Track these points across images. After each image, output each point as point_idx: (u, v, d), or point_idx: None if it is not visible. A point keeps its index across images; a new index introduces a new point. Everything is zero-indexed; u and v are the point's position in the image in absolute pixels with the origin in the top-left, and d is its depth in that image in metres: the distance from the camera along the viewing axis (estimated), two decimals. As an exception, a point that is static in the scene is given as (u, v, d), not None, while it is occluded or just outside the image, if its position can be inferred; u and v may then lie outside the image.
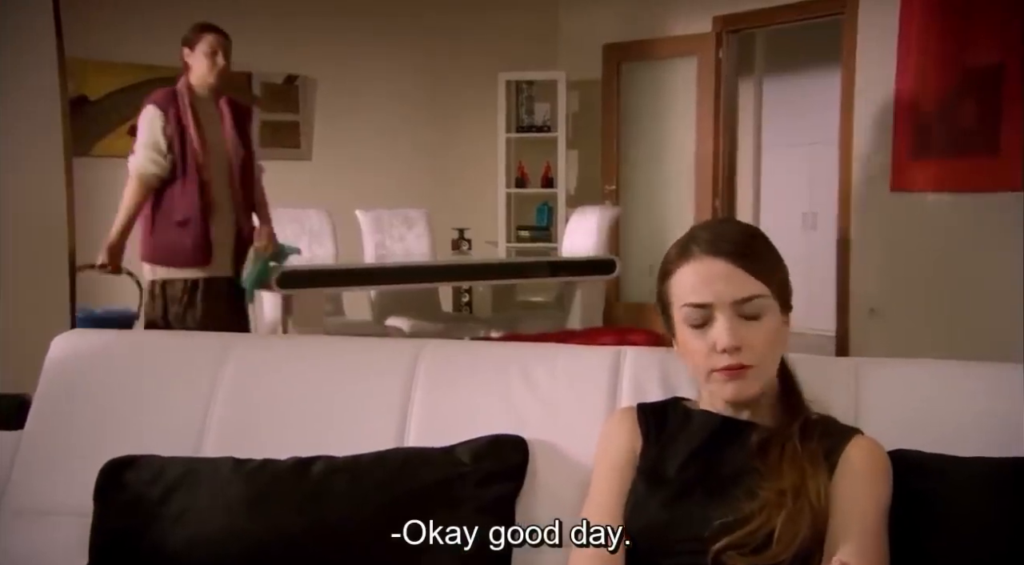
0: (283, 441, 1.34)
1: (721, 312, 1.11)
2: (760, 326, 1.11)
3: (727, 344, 1.10)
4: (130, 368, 1.47)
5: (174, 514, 1.22)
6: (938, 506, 1.10)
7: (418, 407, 1.35)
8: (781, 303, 1.14)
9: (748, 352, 1.10)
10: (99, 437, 1.39)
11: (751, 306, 1.11)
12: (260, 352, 1.48)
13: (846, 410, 1.21)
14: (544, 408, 1.31)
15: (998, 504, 1.09)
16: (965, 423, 1.20)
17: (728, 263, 1.11)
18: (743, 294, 1.10)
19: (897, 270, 5.17)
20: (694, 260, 1.13)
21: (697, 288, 1.12)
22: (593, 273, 4.36)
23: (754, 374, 1.11)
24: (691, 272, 1.13)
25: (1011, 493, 1.09)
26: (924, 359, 1.35)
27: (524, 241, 6.34)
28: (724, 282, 1.11)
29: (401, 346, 1.44)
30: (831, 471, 1.09)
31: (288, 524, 1.19)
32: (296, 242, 4.65)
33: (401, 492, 1.21)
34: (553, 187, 6.32)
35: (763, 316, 1.11)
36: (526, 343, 1.47)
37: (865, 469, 1.10)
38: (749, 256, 1.11)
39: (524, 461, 1.27)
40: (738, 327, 1.10)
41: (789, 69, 6.92)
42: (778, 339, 1.13)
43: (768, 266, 1.13)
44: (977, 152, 4.72)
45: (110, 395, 1.44)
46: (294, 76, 5.89)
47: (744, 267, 1.11)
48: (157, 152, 3.26)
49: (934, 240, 5.01)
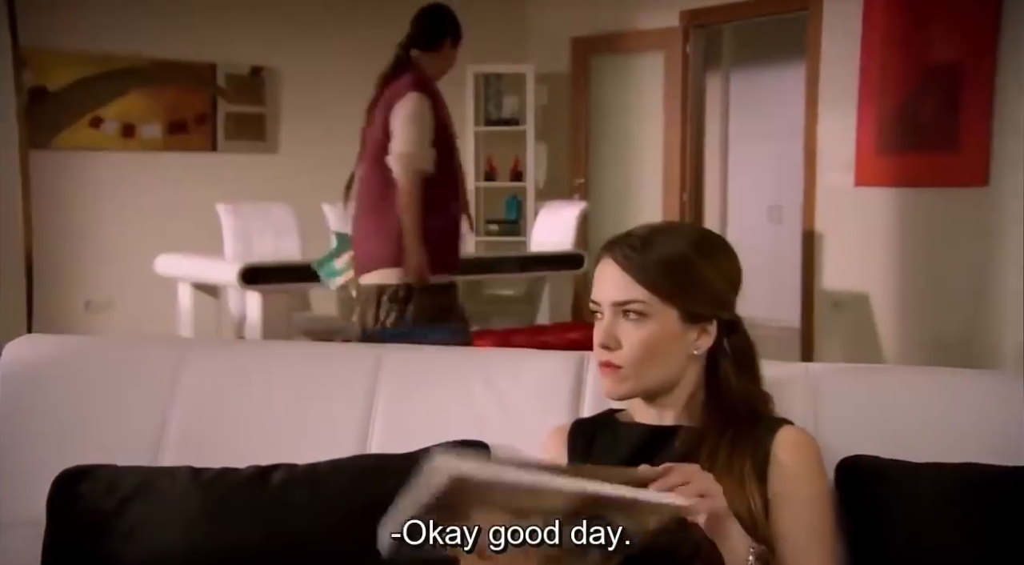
0: (243, 449, 1.32)
1: (606, 310, 1.17)
2: (637, 331, 1.15)
3: (599, 340, 1.17)
4: (85, 375, 1.44)
5: (129, 526, 1.20)
6: (892, 511, 1.12)
7: (381, 413, 1.34)
8: (684, 313, 1.15)
9: (619, 354, 1.16)
10: (53, 446, 1.36)
11: (631, 310, 1.15)
12: (220, 358, 1.46)
13: (805, 416, 1.22)
14: (506, 414, 1.31)
15: (951, 509, 1.10)
16: (922, 429, 1.21)
17: (616, 266, 1.16)
18: (622, 298, 1.15)
19: (861, 264, 5.23)
20: (602, 257, 1.20)
21: (595, 286, 1.19)
22: (562, 268, 4.36)
23: (623, 375, 1.16)
24: (597, 270, 1.20)
25: (964, 498, 1.11)
26: (882, 365, 1.37)
27: (493, 234, 6.32)
28: (609, 283, 1.17)
29: (363, 352, 1.43)
30: (762, 477, 1.10)
31: (247, 535, 1.17)
32: (261, 236, 4.61)
33: (362, 501, 1.20)
34: (522, 180, 6.31)
35: (644, 322, 1.14)
36: (488, 348, 1.46)
37: (794, 464, 1.11)
38: (637, 265, 1.15)
39: (486, 468, 1.26)
40: (616, 327, 1.16)
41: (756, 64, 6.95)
42: (660, 347, 1.15)
43: (667, 279, 1.14)
44: (938, 148, 4.79)
45: (65, 403, 1.41)
46: (260, 68, 5.81)
47: (629, 272, 1.15)
48: (431, 147, 2.90)
49: (898, 235, 5.08)
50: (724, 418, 1.16)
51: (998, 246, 4.67)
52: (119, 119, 5.31)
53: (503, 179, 6.38)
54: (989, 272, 4.71)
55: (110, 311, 5.32)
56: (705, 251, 1.19)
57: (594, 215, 6.27)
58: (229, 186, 5.53)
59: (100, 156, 5.28)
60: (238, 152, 5.76)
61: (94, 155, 5.26)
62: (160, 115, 5.45)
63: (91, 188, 5.27)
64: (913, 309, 5.05)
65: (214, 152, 5.67)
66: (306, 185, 5.68)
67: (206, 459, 1.29)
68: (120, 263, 5.28)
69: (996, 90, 4.56)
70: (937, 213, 4.91)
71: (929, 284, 4.96)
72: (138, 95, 5.34)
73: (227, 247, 4.52)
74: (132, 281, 5.20)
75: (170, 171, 5.50)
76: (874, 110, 5.00)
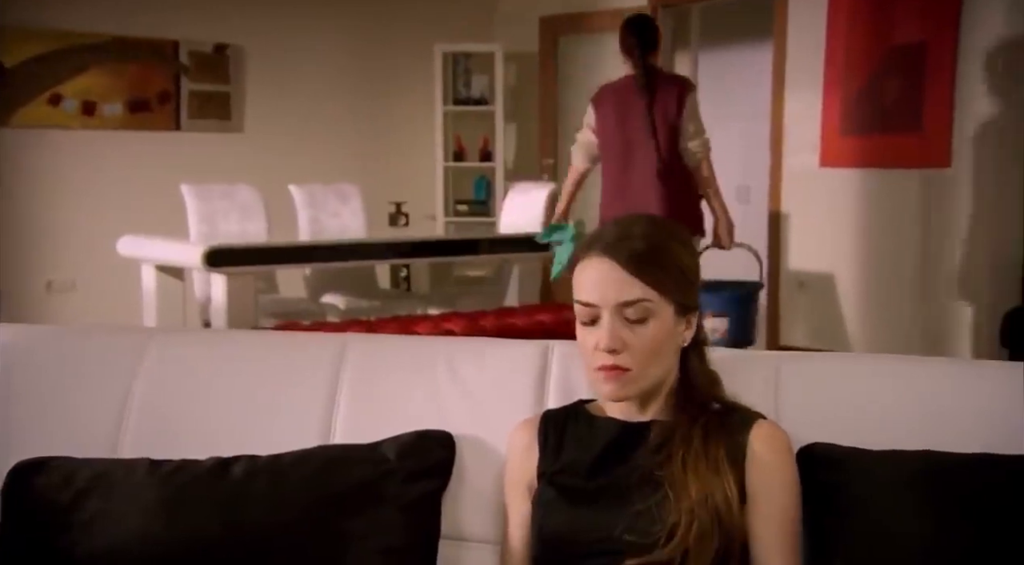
0: (204, 440, 1.31)
1: (606, 313, 1.13)
2: (644, 331, 1.12)
3: (606, 345, 1.12)
4: (42, 364, 1.41)
5: (86, 520, 1.17)
6: (849, 498, 1.12)
7: (344, 403, 1.33)
8: (677, 306, 1.15)
9: (627, 355, 1.12)
10: (7, 437, 1.33)
11: (635, 310, 1.12)
12: (179, 347, 1.44)
13: (766, 405, 1.22)
14: (471, 403, 1.30)
15: (907, 496, 1.11)
16: (882, 416, 1.22)
17: (618, 266, 1.13)
18: (627, 298, 1.12)
19: (826, 245, 5.28)
20: (591, 258, 1.15)
21: (587, 287, 1.14)
22: (530, 250, 4.35)
23: (631, 377, 1.13)
24: (587, 269, 1.15)
25: (920, 485, 1.12)
26: (844, 353, 1.38)
27: (462, 215, 6.30)
28: (611, 285, 1.12)
29: (326, 341, 1.41)
30: (739, 468, 1.11)
31: (207, 529, 1.15)
32: (226, 218, 4.55)
33: (324, 492, 1.19)
34: (491, 161, 6.28)
35: (649, 320, 1.13)
36: (453, 337, 1.45)
37: (773, 460, 1.12)
38: (641, 262, 1.12)
39: (450, 457, 1.26)
40: (620, 329, 1.12)
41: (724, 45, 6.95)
42: (664, 344, 1.14)
43: (663, 273, 1.13)
44: (902, 130, 4.84)
45: (20, 393, 1.38)
46: (224, 45, 5.71)
47: (634, 272, 1.12)
48: None
49: (862, 216, 5.13)
50: (697, 408, 1.16)
51: (961, 226, 4.74)
52: (79, 97, 5.20)
53: (472, 159, 6.35)
54: (953, 252, 4.78)
55: (72, 292, 5.23)
56: (682, 240, 1.19)
57: (563, 195, 6.26)
58: (193, 166, 5.45)
59: (60, 134, 5.17)
60: (202, 131, 5.67)
61: (54, 133, 5.15)
62: (121, 93, 5.34)
63: (51, 167, 5.17)
64: (877, 289, 5.11)
65: (178, 131, 5.58)
66: (273, 166, 5.61)
67: (165, 451, 1.27)
68: (82, 244, 5.19)
69: (958, 72, 4.61)
70: (900, 194, 4.96)
71: (893, 264, 5.03)
72: (98, 72, 5.23)
73: (192, 229, 4.45)
74: (94, 262, 5.12)
75: (132, 151, 5.41)
76: (839, 92, 5.03)
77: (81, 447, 1.30)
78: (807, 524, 1.13)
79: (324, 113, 6.12)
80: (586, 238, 1.18)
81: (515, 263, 4.36)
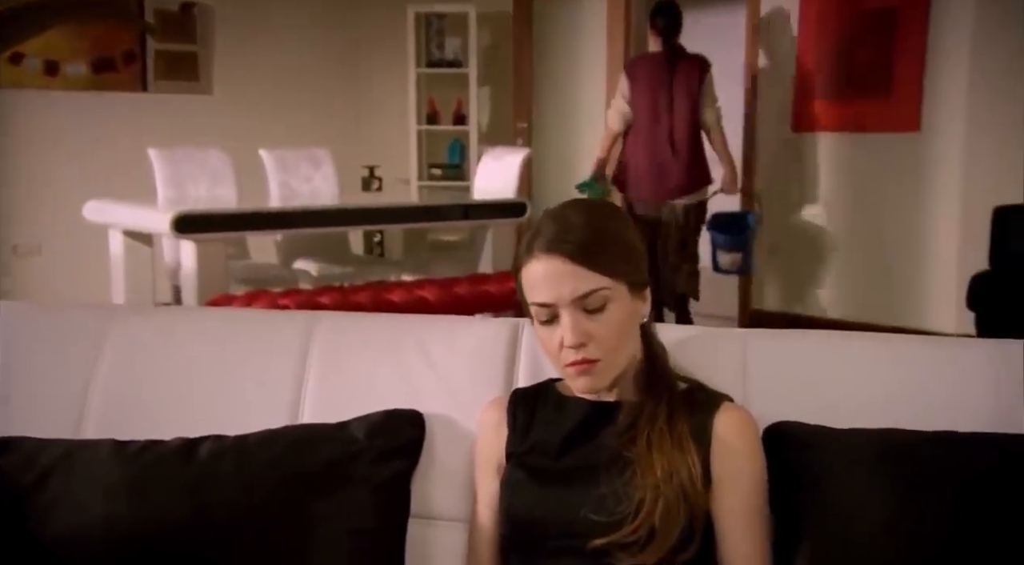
0: (170, 420, 1.29)
1: (564, 309, 1.11)
2: (605, 318, 1.11)
3: (571, 341, 1.11)
4: (3, 341, 1.38)
5: (49, 501, 1.15)
6: (814, 477, 1.13)
7: (313, 382, 1.31)
8: (631, 285, 1.14)
9: (594, 346, 1.11)
10: (-33, 418, 1.30)
11: (593, 300, 1.11)
12: (144, 325, 1.41)
13: (733, 383, 1.22)
14: (441, 382, 1.29)
15: (869, 474, 1.12)
16: (850, 394, 1.22)
17: (567, 261, 1.10)
18: (582, 290, 1.10)
19: (799, 208, 5.31)
20: (536, 258, 1.12)
21: (540, 287, 1.12)
22: (504, 216, 4.33)
23: (603, 367, 1.12)
24: (534, 270, 1.13)
25: (884, 463, 1.12)
26: (812, 331, 1.37)
27: (436, 179, 6.24)
28: (564, 281, 1.10)
29: (295, 319, 1.39)
30: (704, 449, 1.11)
31: (172, 510, 1.14)
32: (195, 183, 4.48)
33: (292, 472, 1.18)
34: (465, 124, 6.21)
35: (608, 306, 1.11)
36: (422, 316, 1.43)
37: (740, 445, 1.12)
38: (589, 252, 1.11)
39: (420, 436, 1.25)
40: (582, 322, 1.11)
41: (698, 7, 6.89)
42: (627, 326, 1.14)
43: (612, 256, 1.12)
44: (872, 95, 4.86)
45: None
46: (191, 3, 5.58)
47: (583, 263, 1.10)
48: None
49: (834, 180, 5.15)
50: (663, 386, 1.16)
51: (931, 191, 4.78)
52: (41, 56, 5.07)
53: (445, 123, 6.28)
54: (923, 216, 4.82)
55: (38, 256, 5.15)
56: (617, 216, 1.19)
57: (538, 159, 6.23)
58: (161, 129, 5.35)
59: (22, 95, 5.05)
60: (170, 93, 5.56)
61: (15, 94, 5.03)
62: (85, 52, 5.21)
63: (13, 128, 5.05)
64: (848, 254, 5.15)
65: (144, 93, 5.47)
66: (242, 129, 5.52)
67: (130, 431, 1.25)
68: (47, 207, 5.10)
69: (929, 37, 4.61)
70: (871, 159, 4.98)
71: (864, 229, 5.07)
72: (61, 30, 5.08)
73: (160, 193, 4.38)
74: (60, 226, 5.03)
75: (98, 112, 5.29)
76: (812, 56, 5.03)
77: (44, 427, 1.28)
78: (774, 503, 1.14)
79: (295, 75, 6.02)
80: (525, 238, 1.15)
81: (489, 228, 4.34)
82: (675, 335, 1.27)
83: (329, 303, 3.40)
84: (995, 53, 4.56)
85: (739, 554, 1.10)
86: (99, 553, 1.12)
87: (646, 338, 1.19)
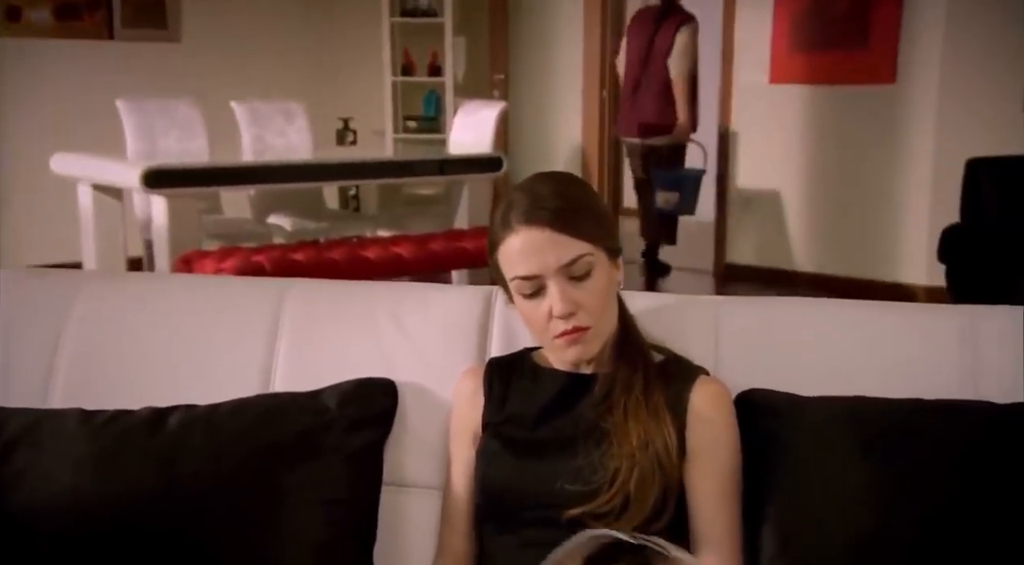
0: (139, 389, 1.27)
1: (551, 279, 1.10)
2: (591, 284, 1.11)
3: (561, 311, 1.09)
4: (-36, 308, 1.35)
5: (14, 473, 1.14)
6: (783, 445, 1.14)
7: (284, 351, 1.29)
8: (608, 251, 1.13)
9: (584, 314, 1.11)
10: (-69, 387, 1.28)
11: (579, 266, 1.10)
12: (112, 291, 1.38)
13: (705, 351, 1.22)
14: (414, 350, 1.28)
15: (837, 442, 1.13)
16: (820, 362, 1.23)
17: (547, 229, 1.09)
18: (568, 257, 1.09)
19: (773, 163, 5.31)
20: (515, 232, 1.11)
21: (523, 260, 1.10)
22: (480, 171, 4.29)
23: (593, 334, 1.12)
24: (514, 244, 1.11)
25: (850, 431, 1.13)
26: (784, 298, 1.37)
27: (412, 132, 6.17)
28: (547, 249, 1.09)
29: (266, 286, 1.37)
30: (679, 421, 1.11)
31: (141, 482, 1.13)
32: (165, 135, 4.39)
33: (263, 442, 1.17)
34: (440, 75, 6.12)
35: (592, 273, 1.11)
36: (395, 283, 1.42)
37: (716, 418, 1.13)
38: (568, 219, 1.10)
39: (393, 405, 1.24)
40: (570, 291, 1.10)
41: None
42: (609, 292, 1.14)
43: (590, 222, 1.11)
44: (849, 46, 4.85)
45: (-58, 339, 1.32)
46: (157, -51, 5.42)
47: (564, 230, 1.09)
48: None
49: (809, 133, 5.15)
50: (638, 356, 1.16)
51: (905, 143, 4.79)
52: (2, 2, 4.91)
53: (421, 74, 6.18)
54: (896, 169, 4.83)
55: (6, 207, 5.05)
56: (586, 186, 1.18)
57: (515, 111, 6.17)
58: (129, 79, 5.22)
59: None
60: (137, 41, 5.41)
61: (-23, 42, 4.88)
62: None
63: (-25, 78, 4.92)
64: (822, 207, 5.18)
65: (111, 40, 5.32)
66: (213, 79, 5.40)
67: (98, 400, 1.23)
68: (13, 159, 4.99)
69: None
70: (847, 111, 4.98)
71: (838, 182, 5.08)
72: (23, -25, 4.94)
73: (129, 146, 4.29)
74: (28, 178, 4.93)
75: (63, 61, 5.15)
76: (789, 8, 4.99)
77: (10, 395, 1.26)
78: (744, 470, 1.14)
79: (266, 22, 5.88)
80: (497, 214, 1.14)
81: (465, 183, 4.30)
82: (648, 303, 1.27)
83: (304, 260, 3.37)
84: (971, 5, 4.54)
85: (712, 525, 1.11)
86: (67, 524, 1.11)
87: (620, 308, 1.19)
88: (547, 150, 6.33)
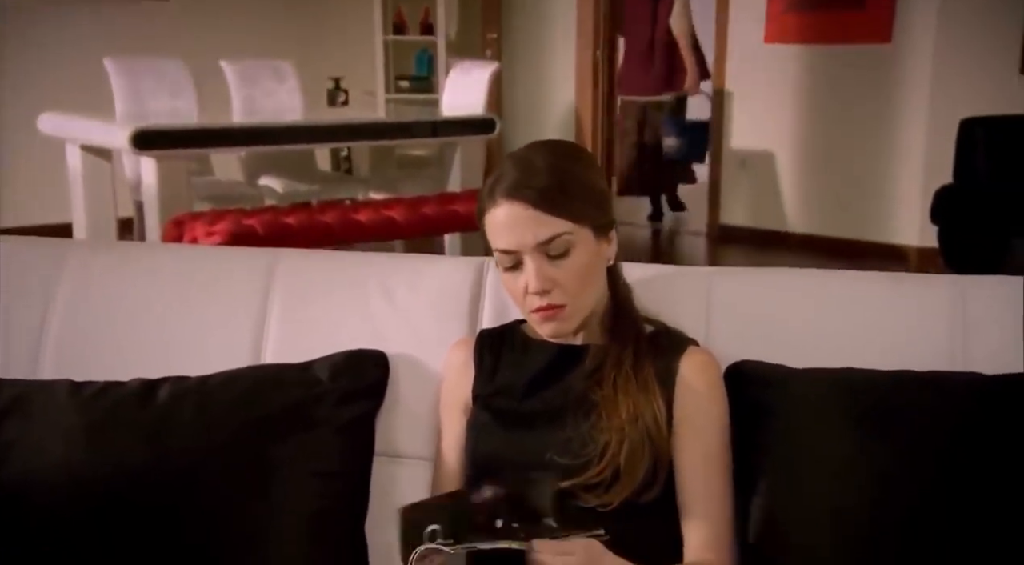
0: (129, 360, 1.27)
1: (527, 256, 1.10)
2: (569, 263, 1.10)
3: (536, 287, 1.10)
4: (-48, 278, 1.34)
5: (4, 443, 1.13)
6: (773, 416, 1.14)
7: (275, 322, 1.29)
8: (595, 229, 1.12)
9: (559, 292, 1.10)
10: (-81, 358, 1.28)
11: (556, 246, 1.09)
12: (101, 260, 1.37)
13: (697, 322, 1.22)
14: (405, 321, 1.27)
15: (827, 413, 1.13)
16: (811, 333, 1.22)
17: (528, 207, 1.08)
18: (544, 236, 1.09)
19: (768, 123, 5.27)
20: (499, 204, 1.10)
21: (502, 233, 1.10)
22: (473, 132, 4.26)
23: (568, 313, 1.12)
24: (497, 216, 1.11)
25: (840, 402, 1.13)
26: (776, 268, 1.37)
27: (404, 92, 6.10)
28: (526, 227, 1.09)
29: (257, 257, 1.36)
30: (668, 392, 1.12)
31: (132, 454, 1.13)
32: (154, 97, 4.33)
33: (255, 415, 1.17)
34: (432, 34, 6.04)
35: (571, 252, 1.10)
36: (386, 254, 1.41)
37: (704, 388, 1.13)
38: (553, 197, 1.09)
39: (384, 376, 1.24)
40: (546, 268, 1.10)
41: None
42: (591, 271, 1.13)
43: (575, 200, 1.10)
44: (844, 6, 4.80)
45: (-70, 309, 1.31)
46: (142, -98, 5.30)
47: (545, 209, 1.08)
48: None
49: (804, 93, 5.11)
50: (629, 329, 1.16)
51: (900, 104, 4.76)
52: (-13, -41, 4.82)
53: (413, 32, 6.10)
54: (890, 129, 4.81)
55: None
56: (582, 158, 1.16)
57: (508, 72, 6.11)
58: (117, 38, 5.14)
59: (-36, 1, 4.82)
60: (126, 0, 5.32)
61: (-43, 0, 4.79)
62: (30, -46, 4.95)
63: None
64: (816, 168, 5.16)
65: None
66: (202, 39, 5.32)
67: (87, 371, 1.23)
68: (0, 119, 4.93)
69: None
70: (842, 71, 4.94)
71: (832, 142, 5.06)
72: (6, -70, 4.83)
73: (118, 106, 4.24)
74: (15, 138, 4.88)
75: (48, 20, 5.06)
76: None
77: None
78: (735, 441, 1.15)
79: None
80: (488, 182, 1.12)
81: (458, 145, 4.27)
82: (640, 274, 1.26)
83: (295, 223, 3.35)
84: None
85: (700, 496, 1.12)
86: (58, 496, 1.11)
87: (613, 281, 1.18)
88: (540, 110, 6.27)
